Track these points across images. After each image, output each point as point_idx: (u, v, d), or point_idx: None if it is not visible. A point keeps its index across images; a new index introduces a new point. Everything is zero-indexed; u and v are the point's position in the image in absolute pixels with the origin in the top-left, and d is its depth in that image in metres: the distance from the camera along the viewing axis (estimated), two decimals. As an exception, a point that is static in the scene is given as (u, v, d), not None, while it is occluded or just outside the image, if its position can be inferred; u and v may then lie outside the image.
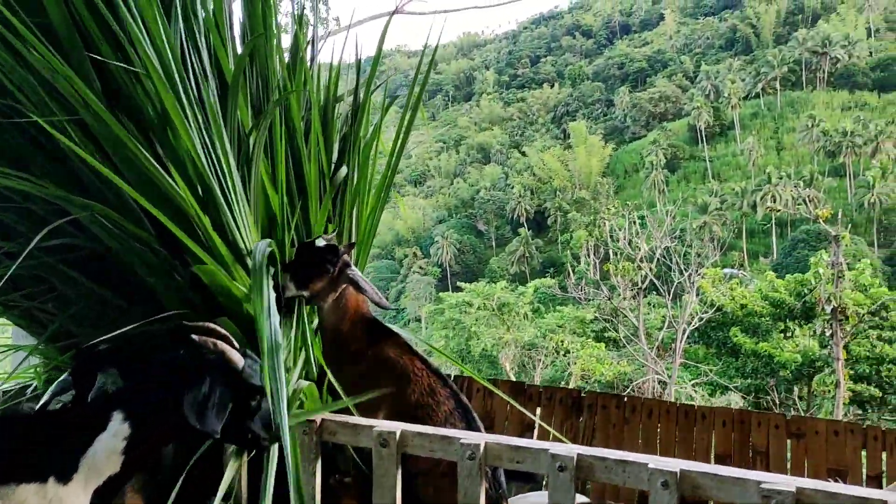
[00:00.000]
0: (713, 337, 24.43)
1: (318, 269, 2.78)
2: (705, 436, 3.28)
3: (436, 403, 2.78)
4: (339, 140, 3.48)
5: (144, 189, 2.43)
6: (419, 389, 2.80)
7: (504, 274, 70.79)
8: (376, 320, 3.03)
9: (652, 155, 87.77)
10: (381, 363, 2.84)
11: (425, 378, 2.84)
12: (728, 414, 3.29)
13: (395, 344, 2.93)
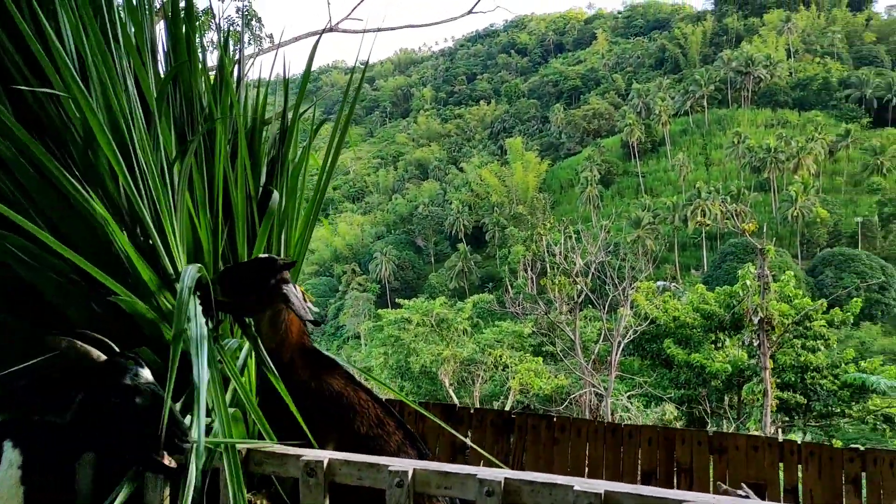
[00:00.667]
0: (647, 349, 24.88)
1: (252, 280, 2.65)
2: (632, 453, 3.35)
3: (386, 434, 2.75)
4: (267, 163, 3.44)
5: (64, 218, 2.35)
6: (367, 422, 2.76)
7: (443, 289, 71.02)
8: (317, 350, 2.96)
9: (587, 170, 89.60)
10: (326, 396, 2.78)
11: (372, 409, 2.80)
12: (653, 432, 3.37)
13: (339, 375, 2.87)
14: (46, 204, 2.35)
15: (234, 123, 3.29)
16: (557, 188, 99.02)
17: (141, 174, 2.54)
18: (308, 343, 2.91)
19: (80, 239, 2.35)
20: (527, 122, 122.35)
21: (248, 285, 2.64)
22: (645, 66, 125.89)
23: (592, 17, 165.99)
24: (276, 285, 2.69)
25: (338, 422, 2.72)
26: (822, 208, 72.24)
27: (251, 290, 2.65)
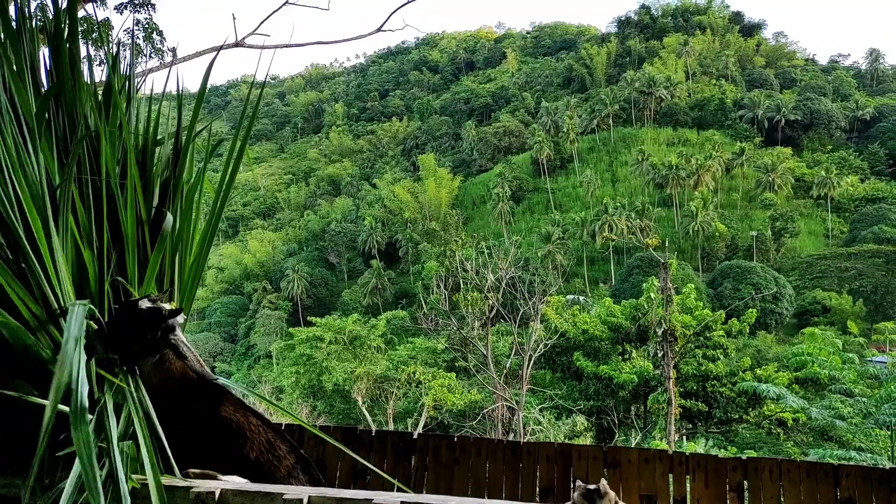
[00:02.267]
0: (558, 362, 25.43)
1: (137, 335, 2.65)
2: (531, 470, 3.41)
3: (276, 459, 2.71)
4: (160, 185, 3.33)
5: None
6: (257, 447, 2.71)
7: (357, 306, 70.47)
8: (204, 379, 2.90)
9: (498, 187, 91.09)
10: (217, 424, 2.72)
11: (263, 434, 2.75)
12: (551, 448, 3.44)
13: (228, 402, 2.82)
14: None
15: (124, 143, 3.18)
16: (470, 204, 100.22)
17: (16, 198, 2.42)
18: (191, 375, 2.84)
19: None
20: (439, 138, 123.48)
21: (133, 336, 2.64)
22: (553, 84, 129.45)
23: (502, 36, 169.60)
24: (162, 336, 2.70)
25: (227, 448, 2.67)
26: (721, 223, 76.00)
27: (136, 342, 2.65)
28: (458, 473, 3.45)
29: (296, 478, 2.68)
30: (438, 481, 3.37)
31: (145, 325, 2.65)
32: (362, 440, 3.57)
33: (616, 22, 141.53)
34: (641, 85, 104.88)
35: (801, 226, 78.17)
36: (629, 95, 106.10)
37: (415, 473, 3.49)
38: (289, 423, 3.65)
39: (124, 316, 2.69)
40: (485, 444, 3.48)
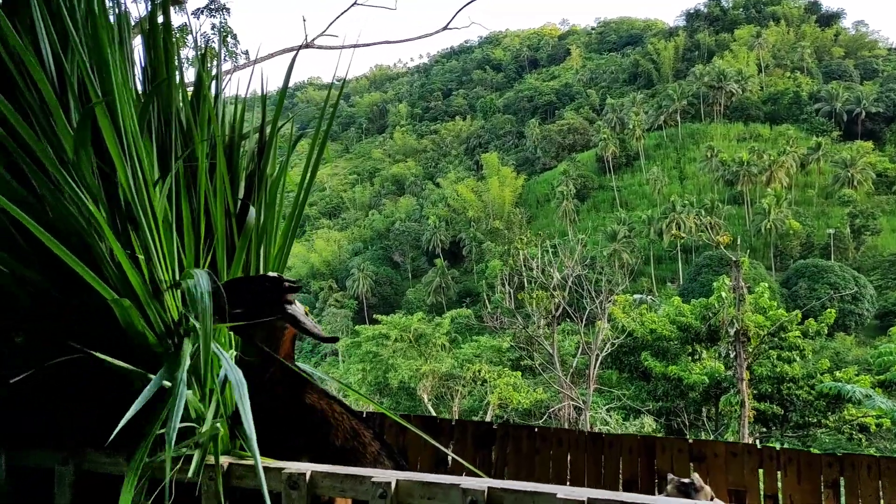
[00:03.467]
0: (625, 362, 25.04)
1: (258, 295, 2.70)
2: (613, 462, 3.37)
3: (362, 446, 2.75)
4: (245, 178, 3.43)
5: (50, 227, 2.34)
6: (342, 434, 2.76)
7: (421, 305, 70.89)
8: (291, 367, 2.97)
9: (562, 185, 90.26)
10: (300, 409, 2.78)
11: (347, 422, 2.80)
12: (634, 441, 3.39)
13: (312, 390, 2.88)
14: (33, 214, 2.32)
15: (213, 139, 3.28)
16: (534, 203, 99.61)
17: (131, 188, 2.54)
18: (291, 361, 2.92)
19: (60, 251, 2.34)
20: (502, 137, 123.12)
21: (253, 300, 2.68)
22: (619, 81, 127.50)
23: (566, 33, 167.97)
24: (280, 304, 2.74)
25: (312, 435, 2.72)
26: (795, 220, 73.43)
27: (256, 305, 2.69)
28: (538, 464, 3.44)
29: (381, 464, 2.71)
30: (519, 471, 3.36)
31: (267, 290, 2.70)
32: (442, 430, 3.59)
33: (684, 15, 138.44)
34: (711, 79, 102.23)
35: (884, 223, 74.74)
36: (698, 90, 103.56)
37: (495, 463, 3.50)
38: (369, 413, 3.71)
39: (243, 281, 2.78)
40: (565, 434, 3.46)
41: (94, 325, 2.55)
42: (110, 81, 2.46)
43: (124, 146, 2.53)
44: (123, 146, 2.52)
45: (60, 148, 2.44)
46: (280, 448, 2.62)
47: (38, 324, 2.53)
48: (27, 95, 2.42)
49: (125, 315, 2.41)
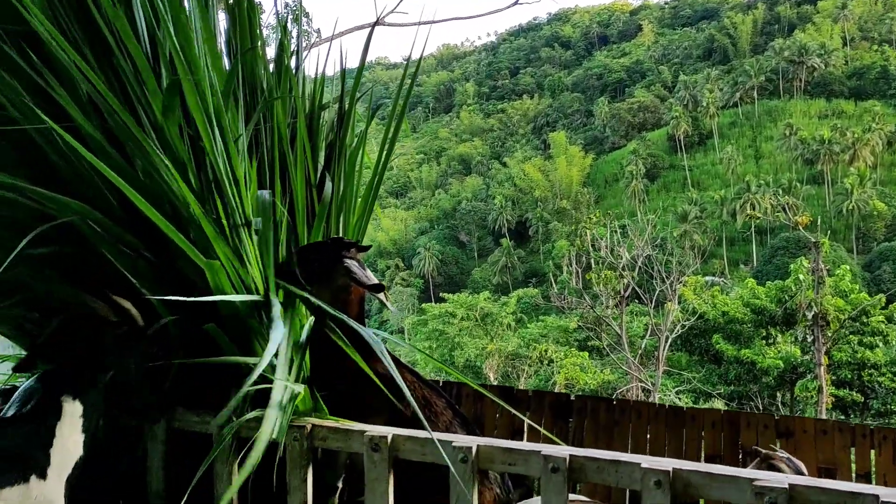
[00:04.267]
0: (695, 344, 24.58)
1: (322, 255, 2.78)
2: (695, 437, 3.30)
3: (434, 415, 2.77)
4: (324, 148, 3.47)
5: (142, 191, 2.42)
6: (414, 402, 2.78)
7: (487, 284, 70.85)
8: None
9: (632, 164, 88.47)
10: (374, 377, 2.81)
11: (419, 390, 2.82)
12: (717, 415, 3.31)
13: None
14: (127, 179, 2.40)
15: (293, 108, 3.33)
16: (602, 183, 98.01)
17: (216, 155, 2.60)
18: (360, 322, 2.95)
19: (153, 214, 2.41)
20: (570, 116, 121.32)
21: (319, 263, 2.76)
22: (692, 57, 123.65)
23: (638, 7, 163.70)
24: (340, 259, 2.78)
25: (385, 402, 2.74)
26: (880, 201, 70.02)
27: (322, 267, 2.76)
28: (617, 436, 3.41)
29: (454, 433, 2.72)
30: (596, 443, 3.33)
31: (330, 249, 2.78)
32: (519, 400, 3.59)
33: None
34: (791, 54, 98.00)
35: (980, 205, 70.61)
36: (776, 65, 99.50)
37: (572, 434, 3.49)
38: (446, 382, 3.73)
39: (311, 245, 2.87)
40: (645, 407, 3.41)
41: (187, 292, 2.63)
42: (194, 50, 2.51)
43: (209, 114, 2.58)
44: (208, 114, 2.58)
45: (152, 114, 2.51)
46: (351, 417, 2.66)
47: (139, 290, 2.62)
48: (121, 62, 2.49)
49: (215, 278, 2.47)
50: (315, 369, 2.80)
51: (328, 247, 2.79)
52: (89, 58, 2.43)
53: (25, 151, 2.57)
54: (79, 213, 2.46)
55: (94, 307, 2.34)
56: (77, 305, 2.50)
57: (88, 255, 2.60)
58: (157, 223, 2.38)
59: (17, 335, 2.92)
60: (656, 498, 2.07)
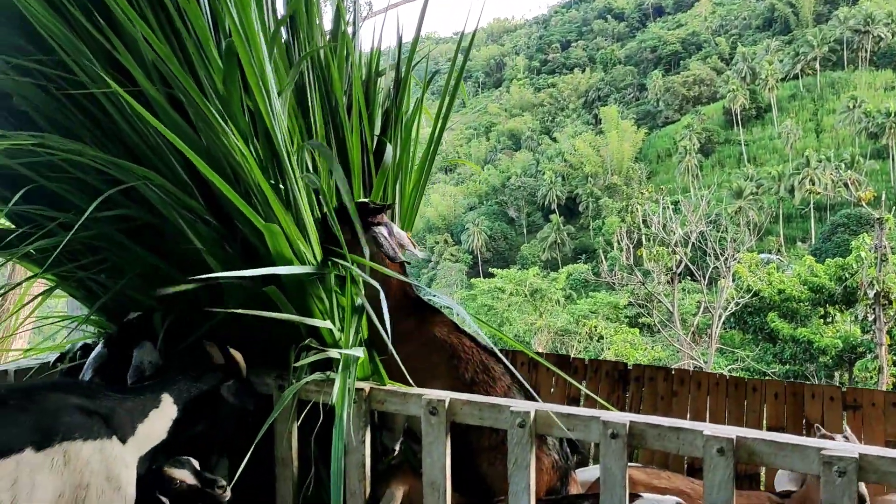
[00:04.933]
0: (750, 322, 24.07)
1: (350, 222, 2.77)
2: (756, 408, 3.24)
3: (492, 380, 2.77)
4: (381, 115, 3.47)
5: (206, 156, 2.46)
6: (472, 367, 2.79)
7: (536, 260, 70.57)
8: (420, 299, 3.02)
9: (685, 139, 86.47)
10: (430, 343, 2.82)
11: (477, 355, 2.83)
12: (779, 386, 3.24)
13: (442, 323, 2.91)
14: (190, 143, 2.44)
15: (350, 77, 3.33)
16: (654, 158, 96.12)
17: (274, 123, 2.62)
18: (410, 291, 2.96)
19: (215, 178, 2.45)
20: (623, 89, 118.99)
21: (347, 227, 2.76)
22: (751, 27, 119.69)
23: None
24: (368, 226, 2.80)
25: (441, 368, 2.75)
26: (947, 177, 67.20)
27: (349, 232, 2.76)
28: (675, 406, 3.37)
29: (512, 398, 2.72)
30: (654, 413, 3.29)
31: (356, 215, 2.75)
32: (575, 368, 3.57)
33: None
34: (856, 23, 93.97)
35: None
36: (840, 35, 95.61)
37: (629, 404, 3.46)
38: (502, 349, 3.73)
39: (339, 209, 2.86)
40: (705, 377, 3.35)
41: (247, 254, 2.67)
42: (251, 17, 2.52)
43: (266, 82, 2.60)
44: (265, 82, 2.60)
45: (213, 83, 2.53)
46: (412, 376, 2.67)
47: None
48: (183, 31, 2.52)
49: (275, 242, 2.50)
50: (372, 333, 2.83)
51: (355, 213, 2.76)
52: (153, 23, 2.46)
53: (94, 116, 2.64)
54: (144, 178, 2.52)
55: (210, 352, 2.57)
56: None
57: (154, 218, 2.67)
58: (220, 187, 2.41)
59: (85, 296, 3.02)
60: (719, 465, 2.04)
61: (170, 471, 2.23)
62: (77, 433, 1.97)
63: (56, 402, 2.00)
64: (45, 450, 1.89)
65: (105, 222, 2.65)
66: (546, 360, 3.37)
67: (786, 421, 3.19)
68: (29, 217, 2.78)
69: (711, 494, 2.04)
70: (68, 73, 2.51)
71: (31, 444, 1.88)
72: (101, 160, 2.48)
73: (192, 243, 2.58)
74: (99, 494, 1.97)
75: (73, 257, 2.82)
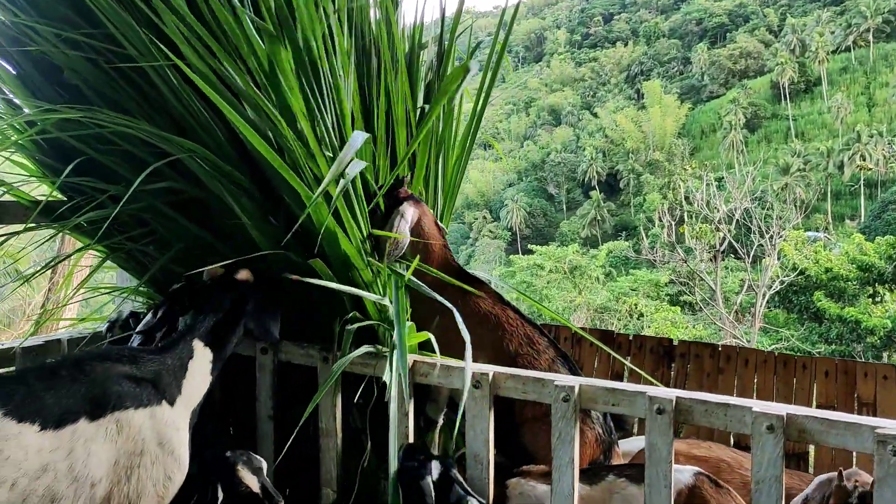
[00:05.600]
0: (795, 301, 23.62)
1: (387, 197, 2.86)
2: (805, 386, 3.18)
3: (535, 353, 2.76)
4: (423, 88, 3.46)
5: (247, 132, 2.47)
6: (516, 340, 2.78)
7: (575, 237, 70.05)
8: (463, 269, 3.01)
9: (731, 114, 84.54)
10: (473, 314, 2.81)
11: (521, 328, 2.82)
12: (830, 364, 3.17)
13: (486, 294, 2.91)
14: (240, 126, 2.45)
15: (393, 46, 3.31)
16: (698, 133, 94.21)
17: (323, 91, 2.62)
18: (452, 261, 2.95)
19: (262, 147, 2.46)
20: (666, 63, 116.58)
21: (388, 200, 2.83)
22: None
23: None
24: (398, 200, 2.84)
25: (485, 339, 2.74)
26: None
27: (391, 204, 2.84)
28: (722, 383, 3.32)
29: (556, 371, 2.71)
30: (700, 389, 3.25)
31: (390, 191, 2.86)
32: (619, 344, 3.54)
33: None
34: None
35: None
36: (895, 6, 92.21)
37: (674, 380, 3.42)
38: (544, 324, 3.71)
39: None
40: (753, 354, 3.30)
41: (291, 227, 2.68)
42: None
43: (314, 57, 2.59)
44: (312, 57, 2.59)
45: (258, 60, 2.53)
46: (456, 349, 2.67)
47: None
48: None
49: (318, 214, 2.51)
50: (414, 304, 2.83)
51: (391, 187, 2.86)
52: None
53: (141, 90, 2.67)
54: (190, 151, 2.54)
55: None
56: None
57: (200, 192, 2.69)
58: (267, 157, 2.43)
59: (134, 267, 3.08)
60: (767, 443, 2.00)
61: (242, 472, 2.25)
62: (128, 402, 2.02)
63: (105, 372, 2.04)
64: (98, 420, 1.94)
65: (153, 195, 2.69)
66: (590, 335, 3.35)
67: (836, 399, 3.12)
68: (79, 189, 2.83)
69: (759, 472, 2.01)
70: (117, 46, 2.54)
71: (84, 415, 1.92)
72: (149, 133, 2.51)
73: (237, 217, 2.60)
74: (153, 460, 2.03)
75: (122, 229, 2.88)
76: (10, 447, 1.77)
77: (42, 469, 1.81)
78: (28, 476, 1.78)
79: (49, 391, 1.90)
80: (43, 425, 1.84)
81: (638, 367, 3.20)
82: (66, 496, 1.85)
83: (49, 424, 1.85)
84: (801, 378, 3.17)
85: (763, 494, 2.01)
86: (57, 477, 1.83)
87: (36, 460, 1.80)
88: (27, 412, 1.83)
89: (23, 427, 1.80)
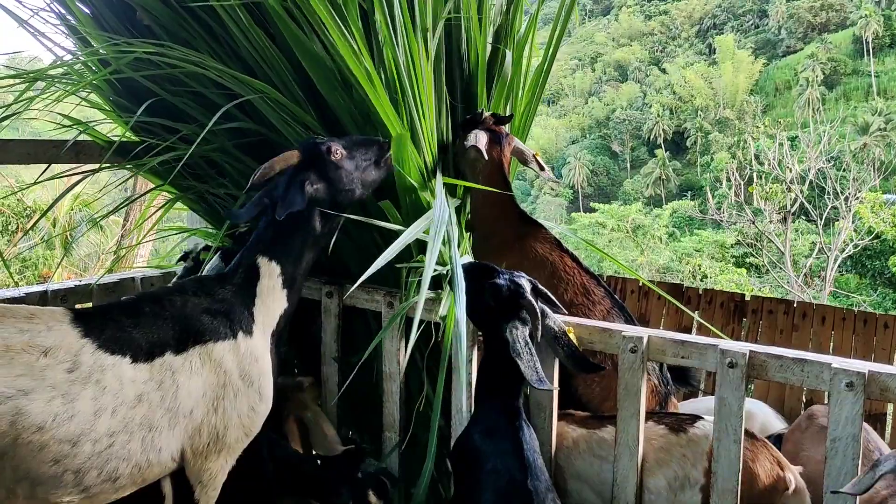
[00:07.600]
0: (868, 266, 22.85)
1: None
2: (886, 346, 3.05)
3: (591, 303, 2.71)
4: (492, 32, 3.38)
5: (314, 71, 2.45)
6: (572, 289, 2.73)
7: (638, 196, 68.81)
8: (524, 212, 2.97)
9: (808, 70, 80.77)
10: (529, 258, 2.77)
11: (578, 277, 2.76)
12: (915, 323, 3.03)
13: (544, 239, 2.85)
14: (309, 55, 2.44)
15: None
16: (771, 90, 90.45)
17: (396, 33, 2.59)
18: (515, 203, 2.90)
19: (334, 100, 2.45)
20: (741, 17, 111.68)
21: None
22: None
23: None
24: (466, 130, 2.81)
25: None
26: None
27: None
28: (796, 341, 3.21)
29: (612, 322, 2.65)
30: (773, 347, 3.17)
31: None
32: (688, 298, 3.45)
33: None
34: None
35: None
36: None
37: (746, 336, 3.33)
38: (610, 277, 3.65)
39: None
40: (830, 311, 3.18)
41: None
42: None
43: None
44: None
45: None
46: None
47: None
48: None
49: (398, 150, 2.47)
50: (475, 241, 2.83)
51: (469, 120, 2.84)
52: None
53: (213, 31, 2.67)
54: (260, 92, 2.55)
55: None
56: None
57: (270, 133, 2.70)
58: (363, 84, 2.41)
59: (205, 209, 3.13)
60: (846, 401, 1.93)
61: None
62: (207, 336, 2.07)
63: (184, 308, 2.08)
64: (181, 353, 2.01)
65: (223, 135, 2.71)
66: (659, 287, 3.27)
67: (921, 360, 2.99)
68: (151, 130, 2.88)
69: (836, 430, 1.95)
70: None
71: (170, 349, 2.00)
72: (220, 72, 2.52)
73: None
74: (236, 392, 2.09)
75: (192, 171, 2.92)
76: (106, 378, 1.86)
77: (137, 399, 1.90)
78: (126, 405, 1.88)
79: (136, 327, 1.98)
80: (134, 358, 1.93)
81: (707, 322, 3.12)
82: (161, 426, 1.95)
83: (140, 357, 1.94)
84: (882, 338, 3.04)
85: (839, 453, 1.94)
86: (151, 407, 1.93)
87: (131, 390, 1.89)
88: (118, 346, 1.92)
89: (116, 359, 1.89)
